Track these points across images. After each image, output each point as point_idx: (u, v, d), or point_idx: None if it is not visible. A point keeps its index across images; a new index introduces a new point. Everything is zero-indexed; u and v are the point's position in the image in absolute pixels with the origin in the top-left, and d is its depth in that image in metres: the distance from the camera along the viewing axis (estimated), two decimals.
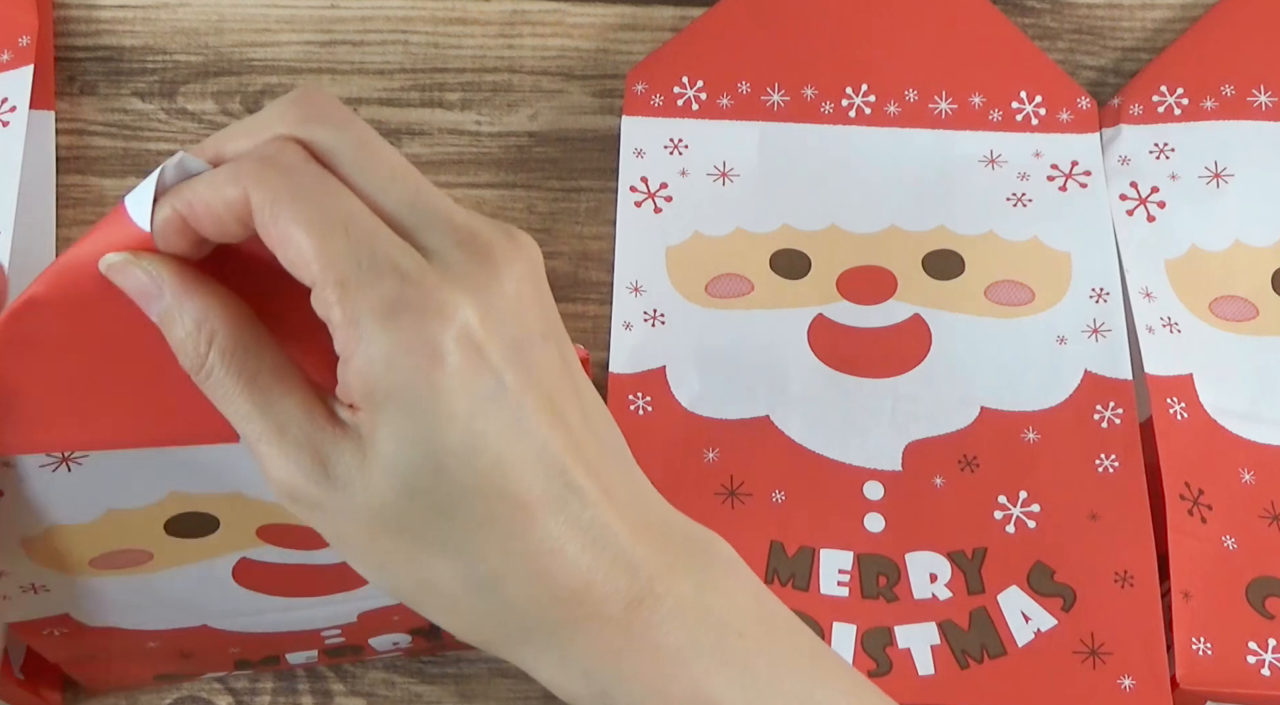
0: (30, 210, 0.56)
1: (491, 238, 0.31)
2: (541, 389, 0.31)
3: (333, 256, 0.29)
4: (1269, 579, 0.50)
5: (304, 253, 0.29)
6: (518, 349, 0.30)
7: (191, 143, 0.59)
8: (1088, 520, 0.51)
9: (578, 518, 0.31)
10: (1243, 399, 0.53)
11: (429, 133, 0.59)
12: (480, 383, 0.29)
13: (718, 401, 0.53)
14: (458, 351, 0.29)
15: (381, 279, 0.29)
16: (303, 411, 0.31)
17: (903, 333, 0.55)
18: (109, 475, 0.37)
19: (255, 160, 0.30)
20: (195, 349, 0.31)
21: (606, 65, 0.61)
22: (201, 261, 0.32)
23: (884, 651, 0.49)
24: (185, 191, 0.30)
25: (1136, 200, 0.57)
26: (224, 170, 0.30)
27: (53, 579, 0.41)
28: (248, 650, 0.49)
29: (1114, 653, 0.48)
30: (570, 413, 0.31)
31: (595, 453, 0.32)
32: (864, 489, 0.52)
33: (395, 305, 0.29)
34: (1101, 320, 0.54)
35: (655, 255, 0.56)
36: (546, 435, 0.30)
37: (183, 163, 0.31)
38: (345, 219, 0.29)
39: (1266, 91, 0.58)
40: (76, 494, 0.38)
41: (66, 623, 0.44)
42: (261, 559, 0.43)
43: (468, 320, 0.29)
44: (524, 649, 0.32)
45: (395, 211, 0.30)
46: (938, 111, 0.59)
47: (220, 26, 0.60)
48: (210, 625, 0.46)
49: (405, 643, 0.50)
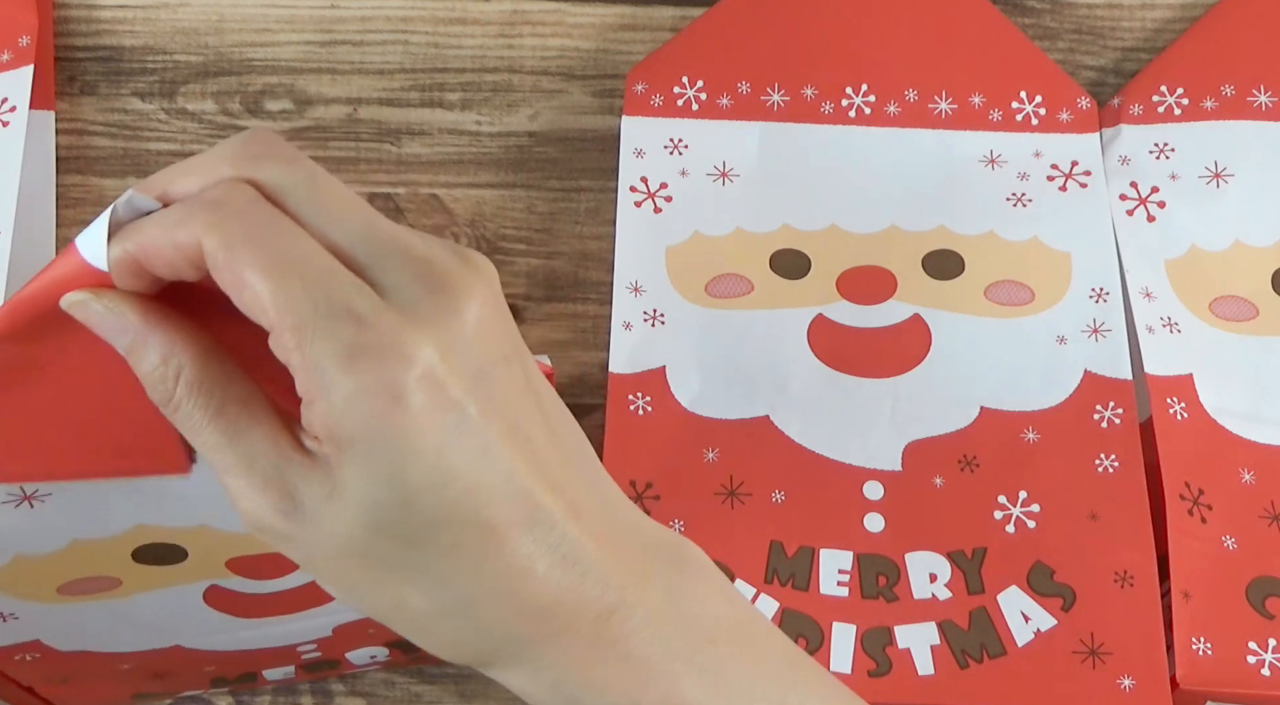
0: (30, 210, 0.56)
1: (448, 267, 0.30)
2: (505, 414, 0.31)
3: (288, 302, 0.29)
4: (1269, 579, 0.50)
5: (260, 299, 0.29)
6: (480, 378, 0.30)
7: (192, 142, 0.59)
8: (1087, 520, 0.51)
9: (546, 537, 0.31)
10: (1243, 399, 0.53)
11: (429, 133, 0.59)
12: (444, 418, 0.29)
13: (718, 401, 0.53)
14: (420, 391, 0.29)
15: (339, 323, 0.29)
16: (269, 443, 0.31)
17: (903, 333, 0.55)
18: (73, 510, 0.37)
19: (205, 204, 0.29)
20: (163, 382, 0.31)
21: (606, 65, 0.61)
22: (163, 292, 0.31)
23: (884, 651, 0.49)
24: (136, 234, 0.30)
25: (1136, 200, 0.57)
26: (174, 213, 0.30)
27: (21, 608, 0.41)
28: (223, 668, 0.49)
29: (1114, 653, 0.48)
30: (535, 433, 0.31)
31: (561, 470, 0.32)
32: (864, 489, 0.52)
33: (354, 350, 0.29)
34: (1101, 320, 0.54)
35: (655, 255, 0.56)
36: (512, 461, 0.30)
37: (132, 201, 0.30)
38: (299, 262, 0.29)
39: (1266, 91, 0.58)
40: (40, 528, 0.38)
41: (38, 648, 0.44)
42: (231, 588, 0.43)
43: (428, 359, 0.29)
44: (495, 663, 0.33)
45: (349, 247, 0.30)
46: (938, 111, 0.59)
47: (220, 26, 0.60)
48: (183, 645, 0.46)
49: (383, 656, 0.50)
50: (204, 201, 0.30)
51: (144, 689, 0.49)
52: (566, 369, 0.57)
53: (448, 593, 0.31)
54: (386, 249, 0.30)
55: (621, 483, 0.51)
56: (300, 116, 0.59)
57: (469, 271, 0.31)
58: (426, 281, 0.30)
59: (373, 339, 0.29)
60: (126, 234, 0.30)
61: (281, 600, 0.44)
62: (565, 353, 0.57)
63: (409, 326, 0.29)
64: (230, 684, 0.50)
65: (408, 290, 0.30)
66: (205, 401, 0.31)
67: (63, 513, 0.37)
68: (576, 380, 0.56)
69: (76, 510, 0.37)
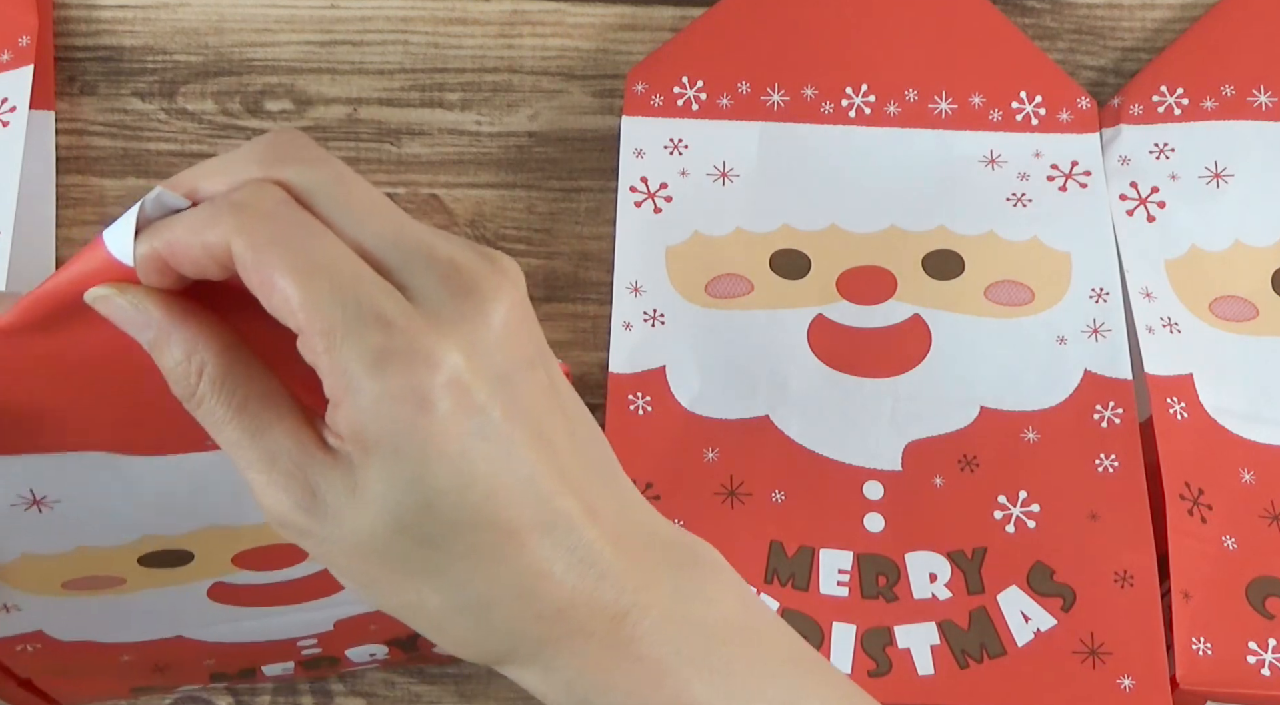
0: (30, 210, 0.56)
1: (476, 270, 0.31)
2: (529, 418, 0.31)
3: (317, 305, 0.29)
4: (1269, 579, 0.50)
5: (288, 302, 0.29)
6: (504, 382, 0.30)
7: (192, 142, 0.59)
8: (1087, 520, 0.51)
9: (563, 540, 0.31)
10: (1243, 399, 0.53)
11: (429, 133, 0.59)
12: (469, 422, 0.30)
13: (718, 401, 0.53)
14: (446, 397, 0.29)
15: (367, 327, 0.29)
16: (292, 439, 0.31)
17: (903, 333, 0.55)
18: (80, 519, 0.37)
19: (233, 205, 0.30)
20: (185, 378, 0.31)
21: (606, 65, 0.60)
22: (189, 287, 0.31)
23: (884, 651, 0.49)
24: (164, 232, 0.30)
25: (1136, 200, 0.57)
26: (202, 213, 0.30)
27: (24, 600, 0.41)
28: (223, 662, 0.49)
29: (1114, 653, 0.48)
30: (557, 436, 0.32)
31: (581, 472, 0.32)
32: (864, 489, 0.52)
33: (382, 354, 0.29)
34: (1101, 320, 0.54)
35: (655, 255, 0.56)
36: (534, 465, 0.31)
37: (161, 198, 0.30)
38: (328, 265, 0.29)
39: (1266, 91, 0.58)
40: (48, 532, 0.38)
41: (39, 638, 0.44)
42: (237, 582, 0.43)
43: (455, 364, 0.29)
44: (509, 662, 0.33)
45: (376, 249, 0.30)
46: (938, 111, 0.59)
47: (220, 26, 0.60)
48: (185, 635, 0.46)
49: (382, 655, 0.50)
50: (231, 203, 0.30)
51: (143, 682, 0.49)
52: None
53: (465, 593, 0.31)
54: (414, 252, 0.30)
55: None
56: (300, 116, 0.59)
57: (495, 274, 0.31)
58: (453, 285, 0.30)
59: (400, 344, 0.29)
60: (154, 231, 0.30)
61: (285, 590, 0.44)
62: (565, 353, 0.57)
63: (435, 331, 0.29)
64: (229, 679, 0.50)
65: (434, 294, 0.30)
66: (228, 398, 0.31)
67: (70, 520, 0.37)
68: (577, 380, 0.56)
69: (84, 519, 0.37)
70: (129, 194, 0.58)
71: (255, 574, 0.43)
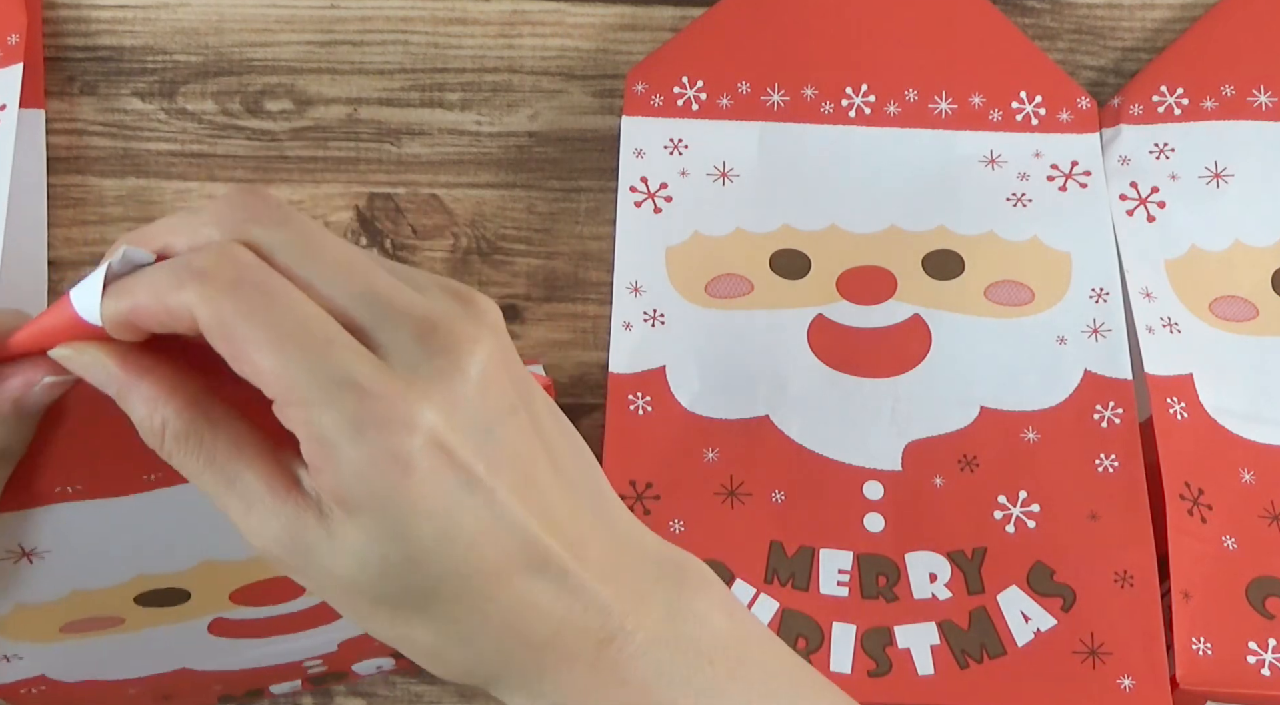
0: (20, 209, 0.56)
1: (450, 323, 0.30)
2: (513, 467, 0.31)
3: (289, 375, 0.29)
4: (1269, 579, 0.50)
5: (260, 373, 0.29)
6: (486, 434, 0.30)
7: (192, 142, 0.59)
8: (1087, 520, 0.51)
9: (552, 577, 0.31)
10: (1243, 399, 0.53)
11: (429, 133, 0.59)
12: (452, 479, 0.30)
13: (718, 401, 0.53)
14: (426, 457, 0.29)
15: (342, 394, 0.29)
16: (264, 486, 0.30)
17: (903, 333, 0.55)
18: (72, 565, 0.37)
19: (195, 273, 0.29)
20: (151, 433, 0.31)
21: (606, 65, 0.60)
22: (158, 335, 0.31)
23: (884, 651, 0.49)
24: (128, 294, 0.30)
25: (1136, 200, 0.57)
26: (165, 277, 0.29)
27: (24, 649, 0.41)
28: (230, 686, 0.49)
29: (1114, 653, 0.48)
30: (542, 478, 0.32)
31: (568, 510, 0.32)
32: (864, 489, 0.52)
33: (359, 421, 0.29)
34: (1101, 320, 0.54)
35: (655, 255, 0.56)
36: (519, 512, 0.31)
37: (127, 255, 0.30)
38: (296, 332, 0.29)
39: (1266, 91, 0.58)
40: (40, 582, 0.38)
41: (44, 681, 0.44)
42: (236, 617, 0.43)
43: (433, 424, 0.29)
44: (498, 687, 0.33)
45: (348, 308, 0.30)
46: (938, 111, 0.59)
47: (220, 26, 0.60)
48: (190, 667, 0.46)
49: (389, 666, 0.50)
50: (194, 270, 0.29)
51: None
52: (566, 369, 0.57)
53: (454, 629, 0.31)
54: (385, 308, 0.30)
55: (621, 483, 0.51)
56: (300, 116, 0.59)
57: (471, 323, 0.31)
58: (428, 341, 0.30)
59: (377, 409, 0.29)
60: (120, 291, 0.30)
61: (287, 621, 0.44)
62: (565, 353, 0.57)
63: (412, 391, 0.29)
64: (237, 701, 0.50)
65: (409, 352, 0.30)
66: (195, 451, 0.31)
67: (62, 567, 0.37)
68: (576, 380, 0.56)
69: (76, 564, 0.37)
70: (128, 194, 0.58)
71: (255, 609, 0.43)
